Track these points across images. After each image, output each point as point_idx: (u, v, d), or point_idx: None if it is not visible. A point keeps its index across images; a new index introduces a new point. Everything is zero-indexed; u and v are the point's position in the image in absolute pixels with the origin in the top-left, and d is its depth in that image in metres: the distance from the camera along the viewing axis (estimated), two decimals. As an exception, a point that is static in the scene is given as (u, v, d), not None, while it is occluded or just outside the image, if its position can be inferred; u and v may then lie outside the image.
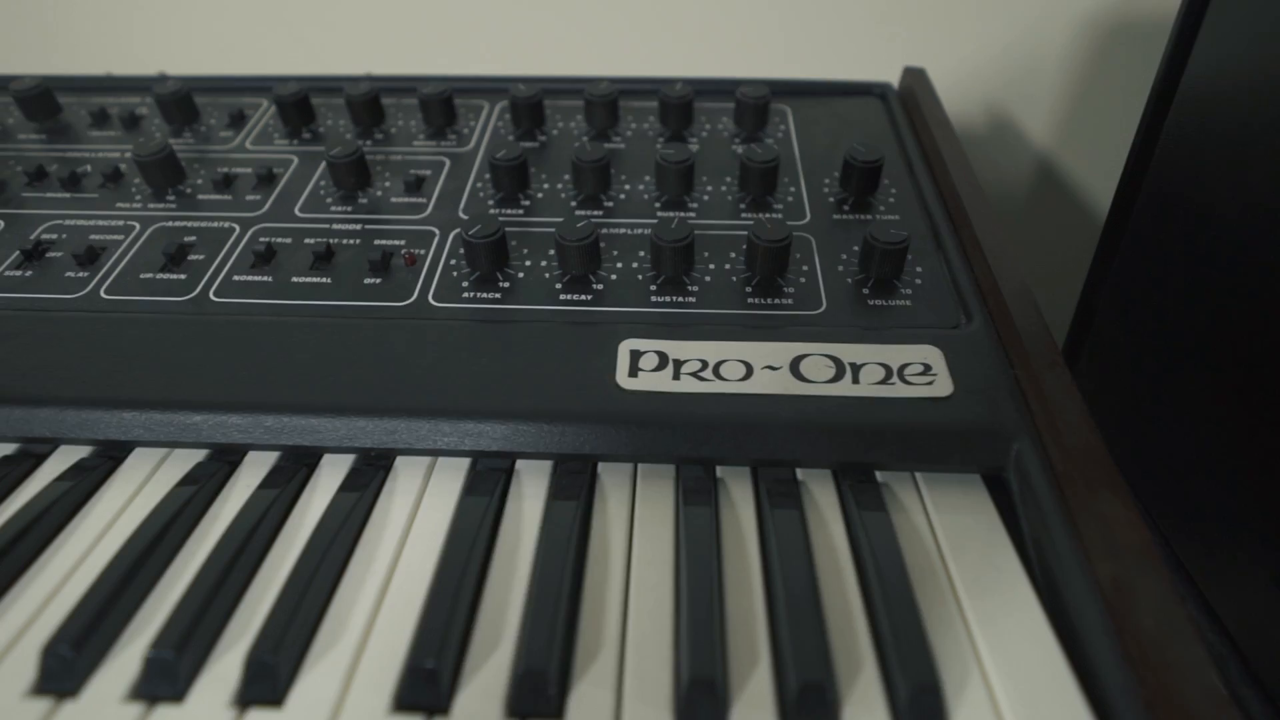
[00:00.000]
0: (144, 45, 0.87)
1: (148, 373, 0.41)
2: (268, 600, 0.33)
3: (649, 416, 0.39)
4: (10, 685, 0.30)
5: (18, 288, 0.48)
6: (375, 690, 0.30)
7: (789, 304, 0.46)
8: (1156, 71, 0.49)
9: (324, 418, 0.39)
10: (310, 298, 0.47)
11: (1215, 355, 0.50)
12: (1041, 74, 0.79)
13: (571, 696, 0.30)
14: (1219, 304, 0.49)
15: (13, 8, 0.87)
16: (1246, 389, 0.48)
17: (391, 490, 0.39)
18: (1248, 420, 0.48)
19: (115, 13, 0.85)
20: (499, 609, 0.33)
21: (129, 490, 0.39)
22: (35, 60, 0.90)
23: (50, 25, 0.87)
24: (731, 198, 0.54)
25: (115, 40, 0.87)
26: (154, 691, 0.30)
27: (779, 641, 0.31)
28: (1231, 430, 0.49)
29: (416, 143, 0.59)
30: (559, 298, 0.46)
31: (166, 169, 0.55)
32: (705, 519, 0.36)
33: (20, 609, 0.33)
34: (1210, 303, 0.50)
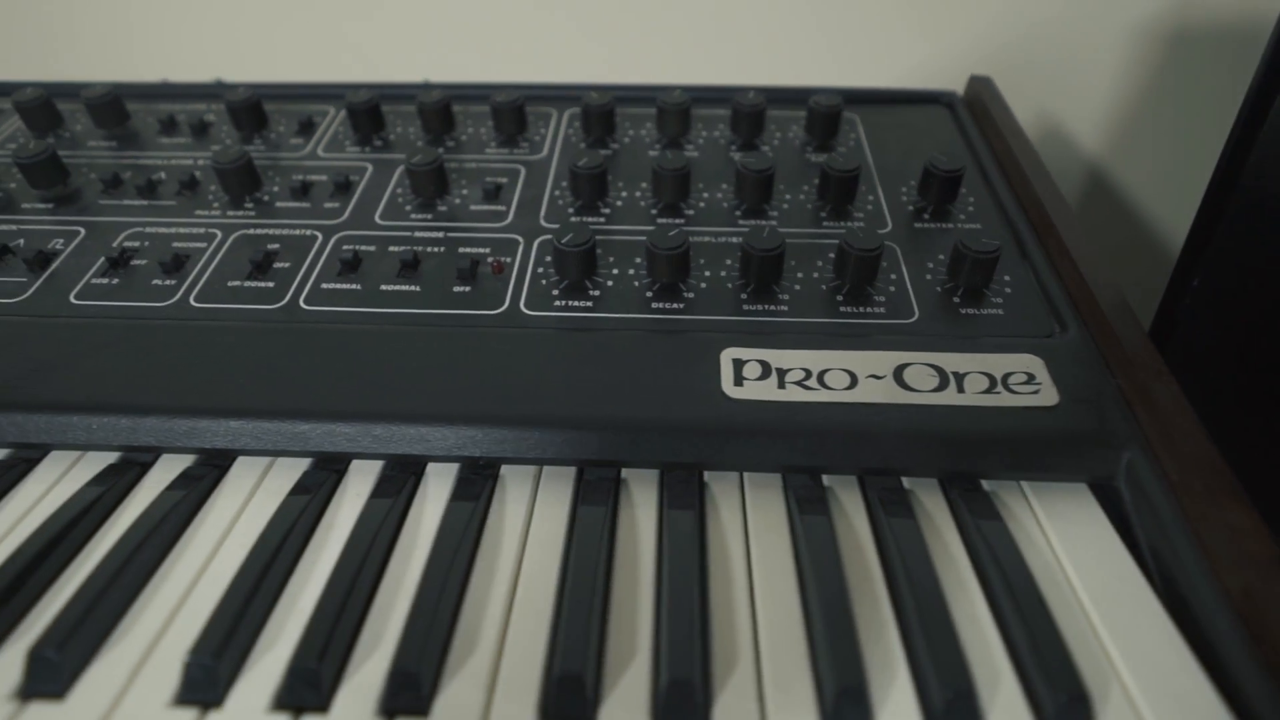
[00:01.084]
0: (195, 51, 0.88)
1: (250, 381, 0.41)
2: (399, 609, 0.33)
3: (757, 425, 0.39)
4: (154, 695, 0.30)
5: (106, 296, 0.48)
6: (519, 698, 0.30)
7: (881, 312, 0.46)
8: (1253, 77, 0.49)
9: (433, 427, 0.39)
10: (401, 305, 0.47)
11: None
12: (1091, 84, 0.80)
13: (716, 707, 0.30)
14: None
15: (78, 13, 0.87)
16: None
17: (502, 499, 0.39)
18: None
19: (169, 20, 0.86)
20: (629, 618, 0.33)
21: (239, 499, 0.39)
22: (96, 66, 0.90)
23: (105, 32, 0.88)
24: (811, 206, 0.54)
25: (176, 47, 0.87)
26: (299, 701, 0.30)
27: (915, 652, 0.31)
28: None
29: (489, 150, 0.60)
30: (650, 306, 0.46)
31: (244, 176, 0.55)
32: (824, 528, 0.36)
33: (150, 618, 0.33)
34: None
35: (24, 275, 0.49)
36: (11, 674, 0.31)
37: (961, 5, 0.78)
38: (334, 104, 0.65)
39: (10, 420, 0.40)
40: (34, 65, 0.93)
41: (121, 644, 0.32)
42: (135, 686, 0.30)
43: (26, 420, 0.40)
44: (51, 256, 0.50)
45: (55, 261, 0.50)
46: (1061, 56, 0.78)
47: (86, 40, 0.89)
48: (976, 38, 0.80)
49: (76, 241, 0.52)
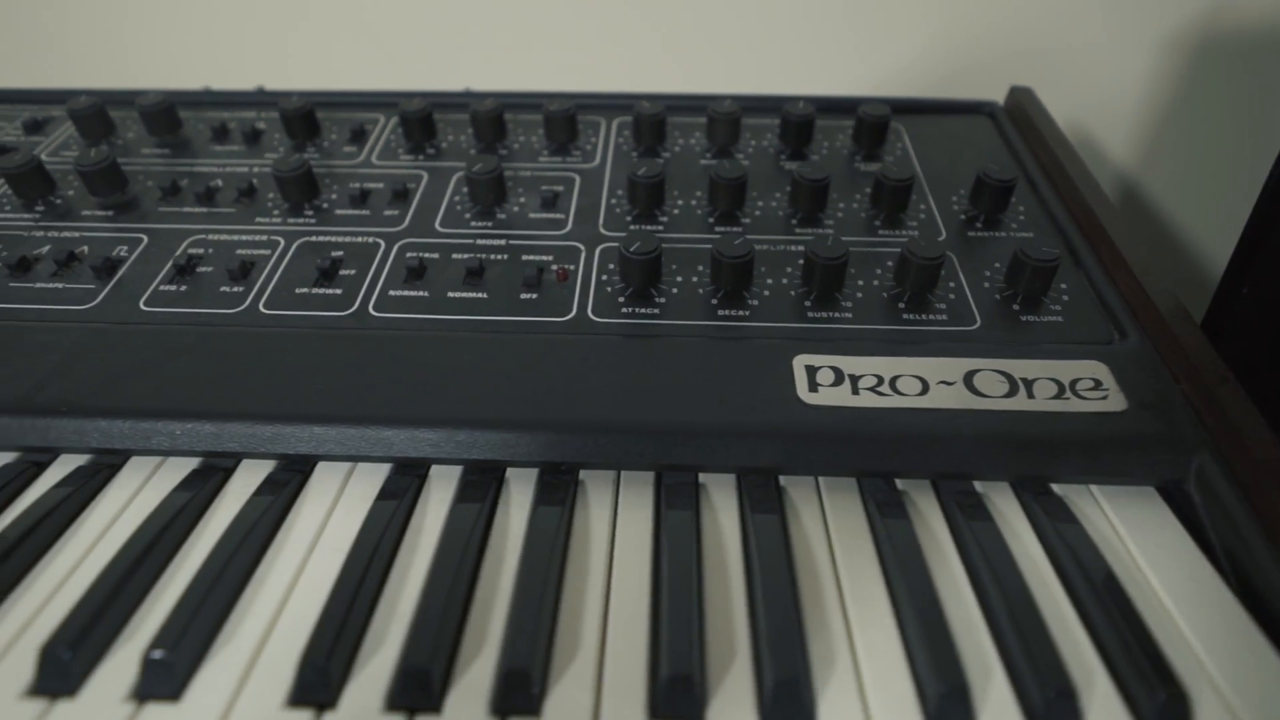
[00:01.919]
0: (234, 60, 0.88)
1: (331, 387, 0.42)
2: (499, 611, 0.34)
3: (835, 431, 0.40)
4: (268, 696, 0.31)
5: (176, 303, 0.48)
6: (627, 697, 0.31)
7: (943, 319, 0.47)
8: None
9: (515, 433, 0.40)
10: (469, 312, 0.47)
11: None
12: (1119, 95, 0.81)
13: (821, 705, 0.31)
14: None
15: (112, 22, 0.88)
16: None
17: (585, 503, 0.40)
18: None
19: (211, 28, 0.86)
20: (725, 619, 0.34)
21: (325, 504, 0.40)
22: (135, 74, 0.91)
23: (148, 39, 0.88)
24: (865, 215, 0.55)
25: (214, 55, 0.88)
26: (411, 702, 0.30)
27: (1010, 653, 0.32)
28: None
29: (542, 159, 0.60)
30: (716, 313, 0.47)
31: (304, 184, 0.55)
32: (907, 532, 0.37)
33: (254, 621, 0.34)
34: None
35: (91, 282, 0.50)
36: (127, 675, 0.31)
37: (988, 17, 0.80)
38: (383, 112, 0.66)
39: (94, 426, 0.41)
40: (66, 73, 0.93)
41: (229, 646, 0.33)
42: (248, 688, 0.31)
43: (111, 426, 0.41)
44: (117, 264, 0.51)
45: (121, 269, 0.51)
46: (1089, 67, 0.79)
47: (123, 49, 0.90)
48: (1004, 49, 0.81)
49: (140, 249, 0.52)
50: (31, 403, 0.41)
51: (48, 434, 0.41)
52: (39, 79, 0.92)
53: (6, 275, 0.50)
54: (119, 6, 0.90)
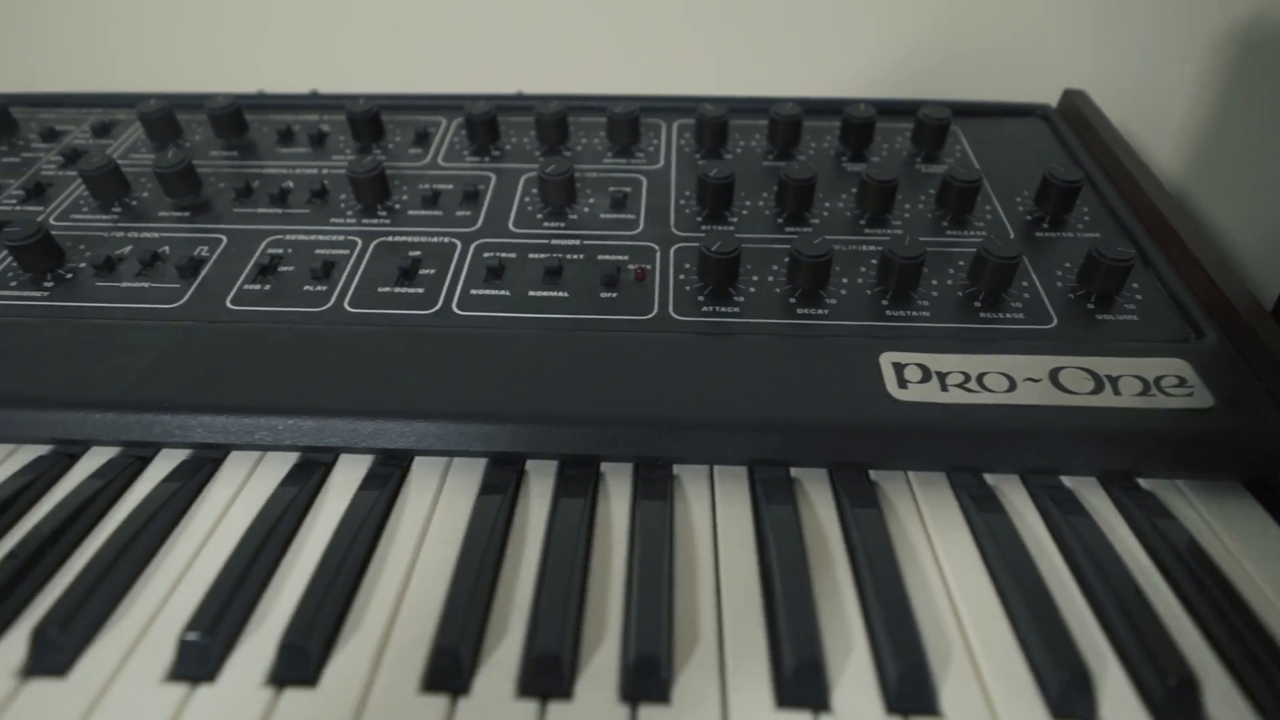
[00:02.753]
0: (289, 63, 0.89)
1: (426, 383, 0.43)
2: (615, 601, 0.35)
3: (926, 427, 0.41)
4: (402, 682, 0.31)
5: (261, 301, 0.49)
6: (754, 684, 0.31)
7: (1020, 318, 0.47)
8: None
9: (609, 428, 0.41)
10: (552, 311, 0.48)
11: None
12: (1165, 99, 0.82)
13: (943, 693, 0.31)
14: None
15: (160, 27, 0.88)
16: None
17: (684, 497, 0.40)
18: None
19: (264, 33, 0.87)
20: (839, 608, 0.34)
21: (428, 497, 0.40)
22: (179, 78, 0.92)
23: (193, 46, 0.89)
24: (931, 215, 0.55)
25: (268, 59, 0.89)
26: (545, 690, 0.31)
27: (1124, 643, 0.33)
28: None
29: (606, 160, 0.61)
30: (795, 312, 0.48)
31: (377, 185, 0.56)
32: (1007, 526, 0.38)
33: (375, 613, 0.34)
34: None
35: (176, 282, 0.50)
36: (262, 661, 0.32)
37: (1030, 22, 0.81)
38: (444, 115, 0.67)
39: (198, 421, 0.42)
40: (115, 78, 0.94)
41: (358, 634, 0.33)
42: (380, 675, 0.32)
43: (214, 422, 0.42)
44: (200, 263, 0.52)
45: (204, 268, 0.51)
46: (1136, 71, 0.80)
47: (171, 53, 0.91)
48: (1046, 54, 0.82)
49: (220, 249, 0.53)
50: (134, 399, 0.42)
51: (152, 429, 0.42)
52: (84, 83, 0.92)
53: (92, 275, 0.51)
54: (161, 12, 0.91)
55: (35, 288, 0.50)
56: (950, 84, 0.86)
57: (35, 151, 0.63)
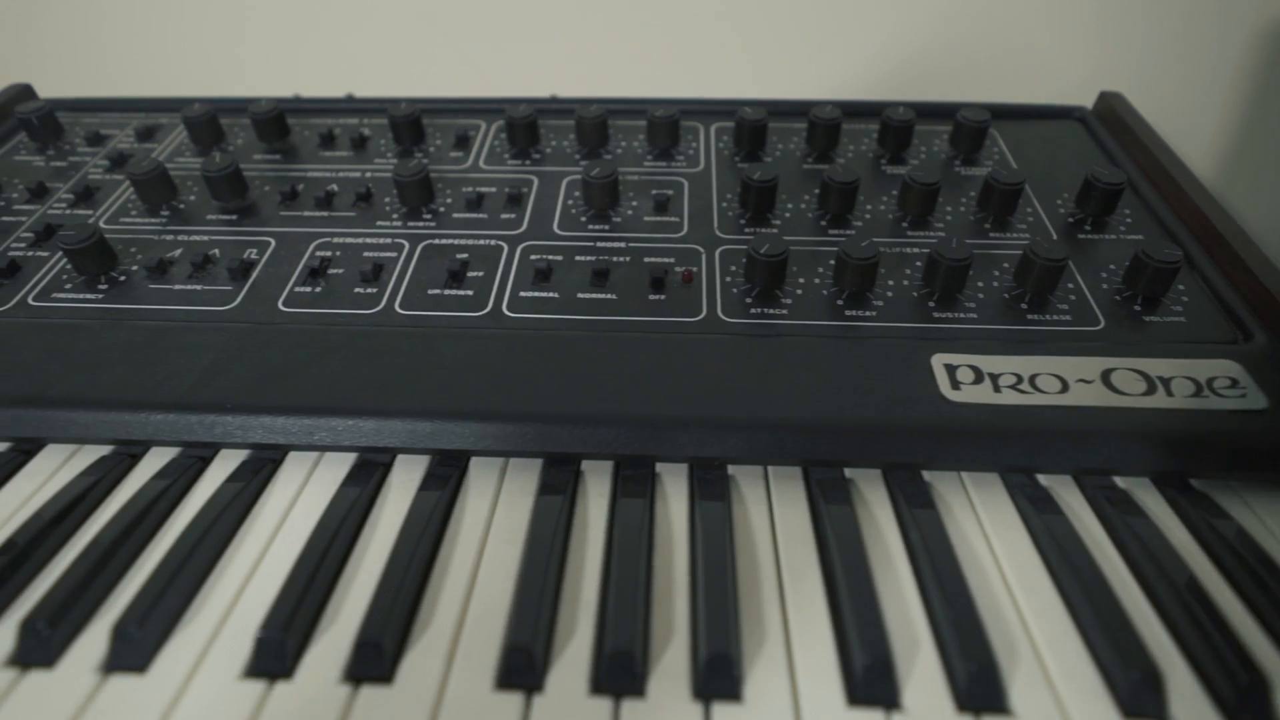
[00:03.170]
0: (324, 68, 0.90)
1: (483, 385, 0.43)
2: (681, 600, 0.35)
3: (981, 428, 0.41)
4: (478, 679, 0.32)
5: (313, 303, 0.50)
6: (824, 682, 0.32)
7: (1067, 320, 0.48)
8: None
9: (666, 430, 0.41)
10: (601, 313, 0.48)
11: None
12: (1200, 104, 0.82)
13: (1013, 691, 0.32)
14: None
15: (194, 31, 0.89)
16: None
17: (740, 496, 0.41)
18: None
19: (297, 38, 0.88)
20: (902, 609, 0.35)
21: (488, 498, 0.41)
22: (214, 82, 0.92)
23: (236, 53, 0.90)
24: (973, 218, 0.56)
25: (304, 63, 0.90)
26: (618, 687, 0.32)
27: (1189, 644, 0.33)
28: None
29: (647, 163, 0.62)
30: (844, 314, 0.48)
31: (422, 189, 0.57)
32: (1066, 526, 0.38)
33: (444, 612, 0.35)
34: None
35: (228, 284, 0.51)
36: (338, 658, 0.32)
37: (1064, 26, 0.81)
38: (483, 118, 0.67)
39: (259, 422, 0.42)
40: (143, 82, 0.95)
41: (429, 631, 0.34)
42: (454, 672, 0.32)
43: (274, 422, 0.42)
44: (250, 266, 0.52)
45: (255, 271, 0.52)
46: (1170, 73, 0.80)
47: (207, 58, 0.91)
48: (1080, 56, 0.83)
49: (269, 251, 0.54)
50: (196, 400, 0.43)
51: (213, 430, 0.42)
52: (119, 88, 0.93)
53: (145, 277, 0.52)
54: (191, 15, 0.92)
55: (89, 290, 0.51)
56: (957, 87, 0.86)
57: (81, 155, 0.64)
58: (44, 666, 0.33)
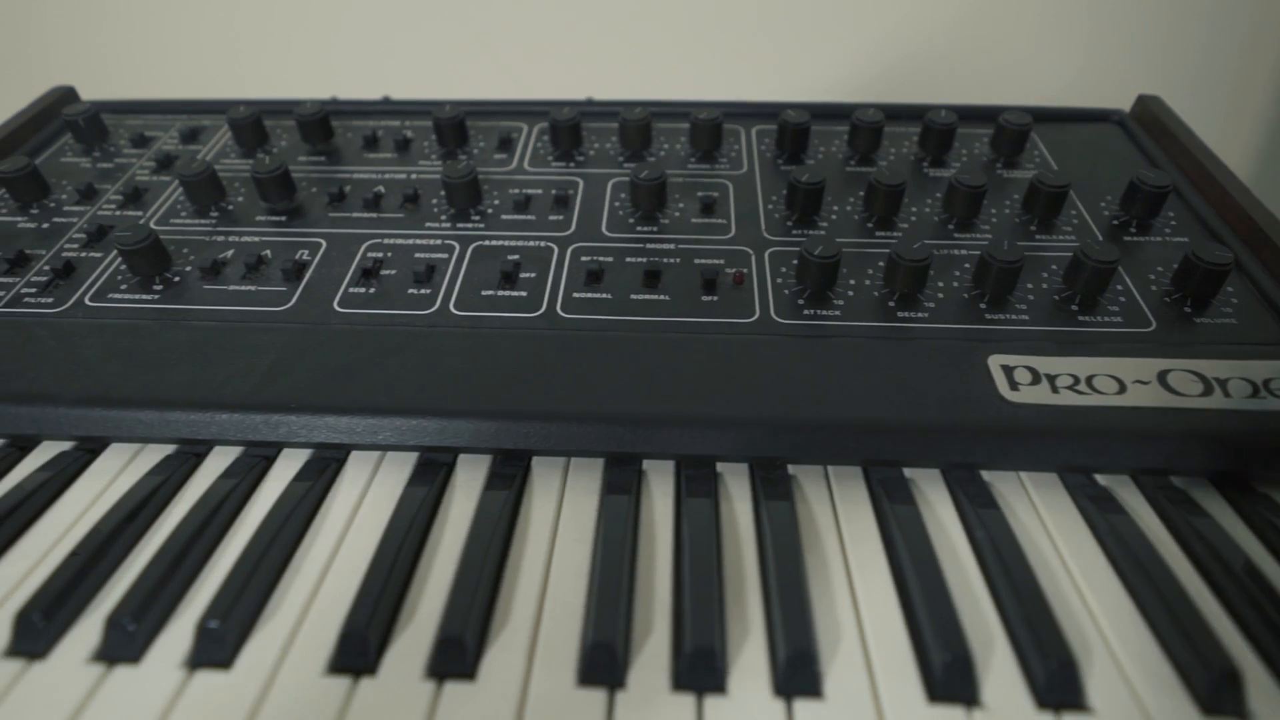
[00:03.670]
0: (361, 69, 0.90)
1: (544, 385, 0.43)
2: (754, 597, 0.35)
3: (1041, 428, 0.41)
4: (559, 675, 0.32)
5: (368, 304, 0.50)
6: (903, 680, 0.32)
7: (1118, 321, 0.48)
8: None
9: (728, 430, 0.42)
10: (655, 314, 0.49)
11: None
12: (1235, 110, 0.82)
13: (1090, 689, 0.32)
14: None
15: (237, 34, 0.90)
16: None
17: (806, 497, 0.41)
18: None
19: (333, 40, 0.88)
20: (975, 608, 0.35)
21: (553, 496, 0.41)
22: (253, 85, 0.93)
23: (261, 58, 0.91)
24: (1018, 220, 0.56)
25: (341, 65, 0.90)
26: (701, 684, 0.32)
27: (1263, 643, 0.33)
28: None
29: (691, 165, 0.62)
30: (896, 315, 0.48)
31: (471, 191, 0.57)
32: (1131, 526, 0.38)
33: (522, 605, 0.35)
34: None
35: (282, 285, 0.51)
36: (419, 655, 0.33)
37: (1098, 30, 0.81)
38: (524, 120, 0.68)
39: (323, 422, 0.43)
40: (184, 84, 0.96)
41: (507, 628, 0.34)
42: (536, 669, 0.33)
43: (339, 422, 0.42)
44: (303, 267, 0.53)
45: (308, 272, 0.52)
46: (1204, 80, 0.81)
47: (245, 60, 0.92)
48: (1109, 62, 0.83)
49: (321, 253, 0.54)
50: (260, 400, 0.43)
51: (278, 429, 0.43)
52: (157, 89, 0.94)
53: (199, 278, 0.52)
54: (228, 19, 0.93)
55: (145, 291, 0.51)
56: (964, 90, 0.87)
57: (127, 157, 0.64)
58: (129, 663, 0.33)
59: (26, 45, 1.02)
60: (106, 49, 1.00)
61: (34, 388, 0.44)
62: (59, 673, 0.32)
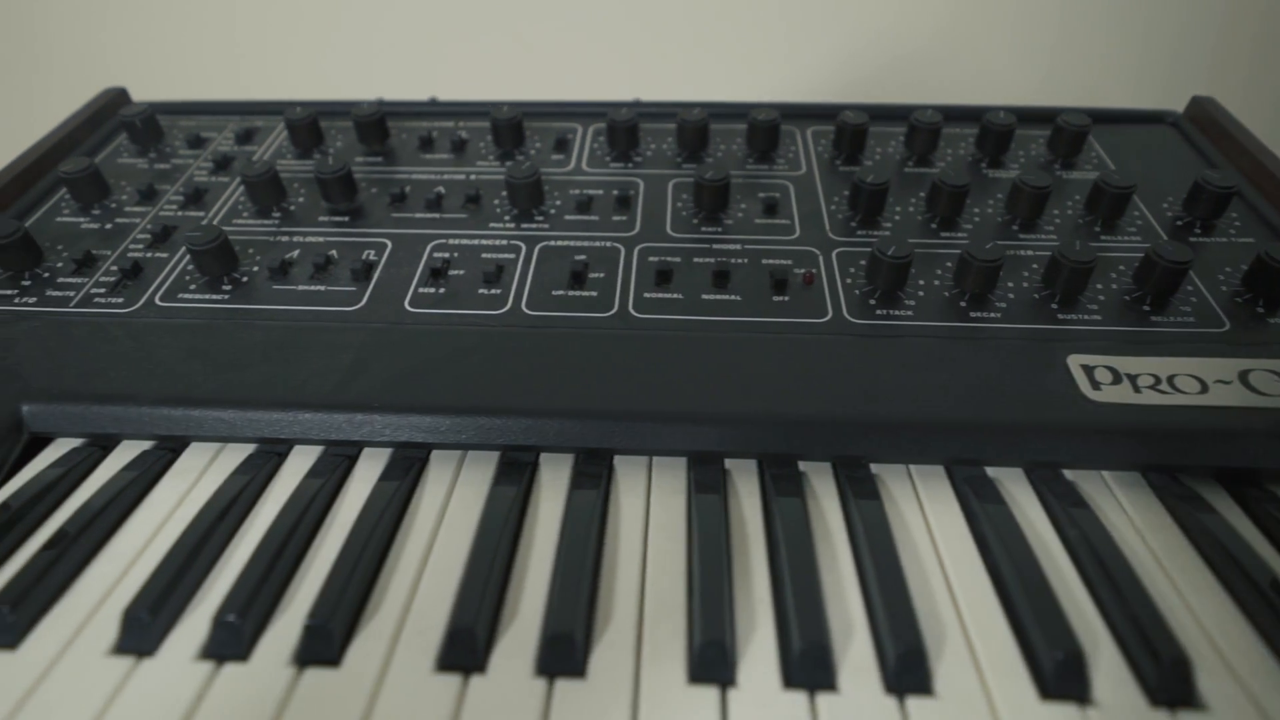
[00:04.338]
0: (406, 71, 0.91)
1: (626, 385, 0.43)
2: (854, 595, 0.35)
3: (1126, 427, 0.41)
4: (670, 671, 0.32)
5: (439, 304, 0.50)
6: (1014, 678, 0.32)
7: (1191, 321, 0.48)
8: None
9: (814, 429, 0.42)
10: (728, 314, 0.49)
11: None
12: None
13: (1200, 685, 0.32)
14: None
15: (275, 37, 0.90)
16: None
17: (892, 496, 0.41)
18: None
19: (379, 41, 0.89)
20: (1075, 604, 0.35)
21: (640, 496, 0.41)
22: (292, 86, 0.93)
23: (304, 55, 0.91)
24: (1081, 221, 0.56)
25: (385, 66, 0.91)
26: (813, 683, 0.32)
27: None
28: None
29: (749, 166, 0.62)
30: (968, 315, 0.49)
31: (534, 191, 0.57)
32: (1224, 526, 0.38)
33: (623, 602, 0.35)
34: None
35: (351, 285, 0.52)
36: (528, 652, 0.33)
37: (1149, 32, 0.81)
38: (579, 121, 0.68)
39: (406, 421, 0.43)
40: (228, 85, 0.96)
41: (611, 626, 0.34)
42: (647, 669, 0.33)
43: (421, 421, 0.43)
44: (370, 267, 0.53)
45: (375, 272, 0.53)
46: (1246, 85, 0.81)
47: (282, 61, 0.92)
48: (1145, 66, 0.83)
49: (387, 253, 0.54)
50: (342, 399, 0.43)
51: (360, 429, 0.43)
52: (199, 90, 0.94)
53: (267, 278, 0.52)
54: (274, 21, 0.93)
55: (214, 290, 0.51)
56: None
57: (183, 158, 0.65)
58: (238, 660, 0.33)
59: (57, 46, 1.02)
60: (153, 51, 1.01)
61: (114, 388, 0.44)
62: (170, 670, 0.33)
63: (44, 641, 0.34)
